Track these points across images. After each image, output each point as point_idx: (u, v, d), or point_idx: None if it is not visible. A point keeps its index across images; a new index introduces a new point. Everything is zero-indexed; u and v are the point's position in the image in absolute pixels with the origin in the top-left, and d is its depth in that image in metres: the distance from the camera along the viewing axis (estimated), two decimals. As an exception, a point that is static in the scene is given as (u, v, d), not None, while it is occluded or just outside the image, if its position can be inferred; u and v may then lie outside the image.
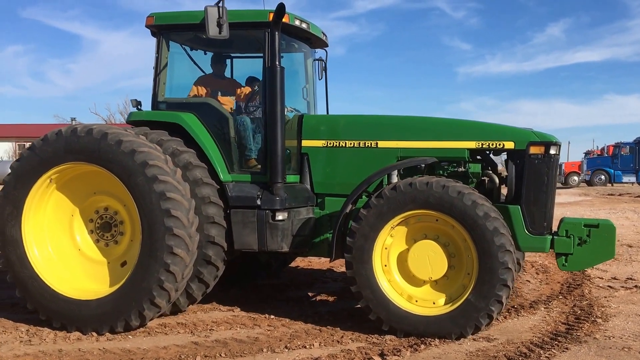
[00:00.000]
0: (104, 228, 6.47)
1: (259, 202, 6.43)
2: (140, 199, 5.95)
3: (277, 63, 6.35)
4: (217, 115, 6.75)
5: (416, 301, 5.98)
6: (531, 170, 6.21)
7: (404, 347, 5.55)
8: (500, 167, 6.85)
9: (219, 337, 5.93)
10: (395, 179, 6.33)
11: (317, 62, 7.91)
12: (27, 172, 6.22)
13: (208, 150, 6.57)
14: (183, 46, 7.33)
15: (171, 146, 6.42)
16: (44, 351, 5.47)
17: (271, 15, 6.34)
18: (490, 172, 6.58)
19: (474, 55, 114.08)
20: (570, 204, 22.57)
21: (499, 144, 6.34)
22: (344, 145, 6.70)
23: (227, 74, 7.66)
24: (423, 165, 6.49)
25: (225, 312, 6.84)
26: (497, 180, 6.48)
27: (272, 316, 6.66)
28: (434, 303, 5.94)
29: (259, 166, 6.70)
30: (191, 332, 6.10)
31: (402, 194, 5.83)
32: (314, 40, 7.56)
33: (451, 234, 5.90)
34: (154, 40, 7.06)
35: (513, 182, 6.31)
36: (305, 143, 6.81)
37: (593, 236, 6.11)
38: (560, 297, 7.51)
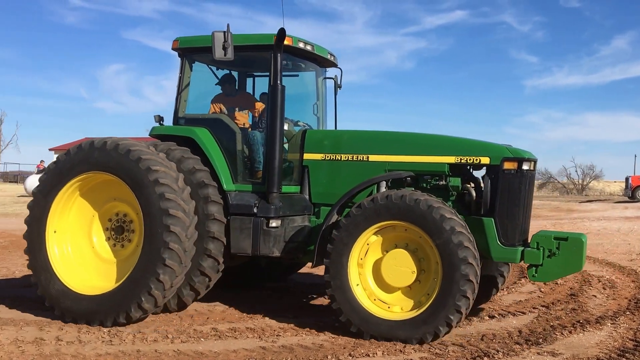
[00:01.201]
0: (117, 231, 7.15)
1: (255, 210, 6.95)
2: (146, 210, 6.59)
3: (278, 82, 6.89)
4: (228, 130, 7.34)
5: (389, 307, 6.38)
6: (504, 184, 6.52)
7: (466, 358, 5.63)
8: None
9: (286, 342, 6.15)
10: (383, 189, 6.73)
11: (332, 80, 8.45)
12: (49, 185, 7.01)
13: (215, 161, 7.13)
14: (210, 66, 7.95)
15: (190, 164, 7.03)
16: (124, 351, 5.81)
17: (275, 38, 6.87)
18: (469, 186, 6.83)
19: (541, 68, 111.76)
20: (637, 219, 21.84)
21: (476, 159, 6.68)
22: (339, 158, 7.18)
23: (238, 88, 8.26)
24: (409, 179, 6.90)
25: (292, 319, 7.05)
26: (474, 193, 6.74)
27: (337, 324, 6.81)
28: (401, 308, 6.35)
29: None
30: (259, 337, 6.35)
31: (375, 206, 6.27)
32: (321, 61, 8.08)
33: (418, 241, 6.28)
34: None
35: (488, 195, 6.57)
36: (306, 156, 7.31)
37: (562, 249, 6.35)
38: (628, 312, 7.39)
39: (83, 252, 7.16)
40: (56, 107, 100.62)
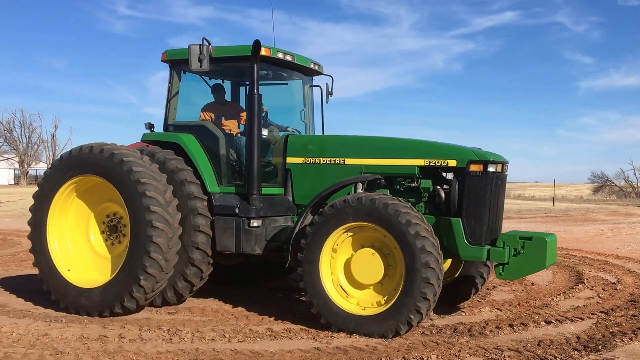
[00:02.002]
0: (111, 230, 7.72)
1: (237, 210, 7.36)
2: (126, 197, 7.12)
3: (255, 91, 7.28)
4: (212, 135, 7.79)
5: (357, 302, 6.70)
6: (471, 186, 6.81)
7: (523, 363, 5.56)
8: None
9: (340, 344, 6.21)
10: (360, 191, 7.06)
11: (319, 87, 8.88)
12: (44, 193, 7.63)
13: (199, 165, 7.59)
14: (202, 76, 8.32)
15: (173, 164, 7.51)
16: (183, 349, 5.98)
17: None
18: (439, 187, 7.09)
19: (597, 69, 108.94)
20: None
21: (444, 162, 6.97)
22: (318, 162, 7.56)
23: (228, 98, 8.67)
24: (382, 181, 7.28)
25: (345, 321, 7.11)
26: (443, 194, 7.02)
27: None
28: (372, 305, 6.64)
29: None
30: (314, 338, 6.43)
31: (345, 207, 6.57)
32: (305, 70, 8.44)
33: (385, 242, 6.57)
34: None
35: (456, 196, 6.87)
36: (289, 160, 7.71)
37: (527, 248, 6.64)
38: (693, 321, 7.14)
39: (81, 249, 7.75)
40: (107, 113, 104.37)
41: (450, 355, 5.86)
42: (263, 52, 7.32)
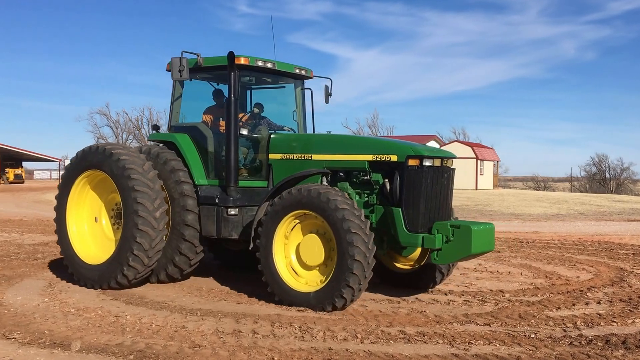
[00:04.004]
0: (117, 217, 8.96)
1: (217, 200, 8.42)
2: (120, 187, 8.30)
3: (232, 95, 8.31)
4: (202, 135, 8.93)
5: (305, 281, 7.61)
6: (409, 179, 7.50)
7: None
8: None
9: (479, 351, 5.84)
10: (325, 183, 8.03)
11: (322, 88, 9.92)
12: (65, 181, 9.03)
13: (189, 160, 8.73)
14: (211, 82, 9.49)
15: (172, 164, 8.67)
16: (316, 348, 5.88)
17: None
18: (385, 180, 7.72)
19: None
20: None
21: (387, 157, 7.68)
22: (292, 157, 8.45)
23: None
24: (341, 174, 8.12)
25: (482, 327, 6.71)
26: (388, 187, 7.66)
27: (533, 335, 6.37)
28: (317, 283, 7.48)
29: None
30: (450, 343, 6.10)
31: (290, 197, 7.51)
32: (291, 75, 9.36)
33: (325, 227, 7.32)
34: (402, 56, 8.86)
35: (397, 188, 7.53)
36: (271, 156, 8.67)
37: (456, 235, 7.23)
38: None
39: (95, 232, 9.16)
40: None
41: (604, 368, 5.33)
42: (242, 61, 8.35)
